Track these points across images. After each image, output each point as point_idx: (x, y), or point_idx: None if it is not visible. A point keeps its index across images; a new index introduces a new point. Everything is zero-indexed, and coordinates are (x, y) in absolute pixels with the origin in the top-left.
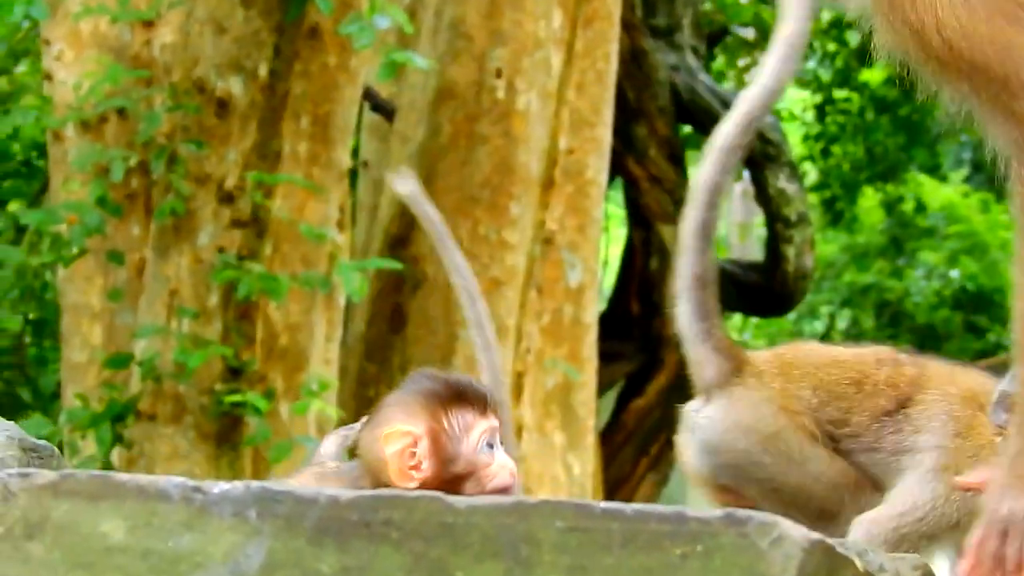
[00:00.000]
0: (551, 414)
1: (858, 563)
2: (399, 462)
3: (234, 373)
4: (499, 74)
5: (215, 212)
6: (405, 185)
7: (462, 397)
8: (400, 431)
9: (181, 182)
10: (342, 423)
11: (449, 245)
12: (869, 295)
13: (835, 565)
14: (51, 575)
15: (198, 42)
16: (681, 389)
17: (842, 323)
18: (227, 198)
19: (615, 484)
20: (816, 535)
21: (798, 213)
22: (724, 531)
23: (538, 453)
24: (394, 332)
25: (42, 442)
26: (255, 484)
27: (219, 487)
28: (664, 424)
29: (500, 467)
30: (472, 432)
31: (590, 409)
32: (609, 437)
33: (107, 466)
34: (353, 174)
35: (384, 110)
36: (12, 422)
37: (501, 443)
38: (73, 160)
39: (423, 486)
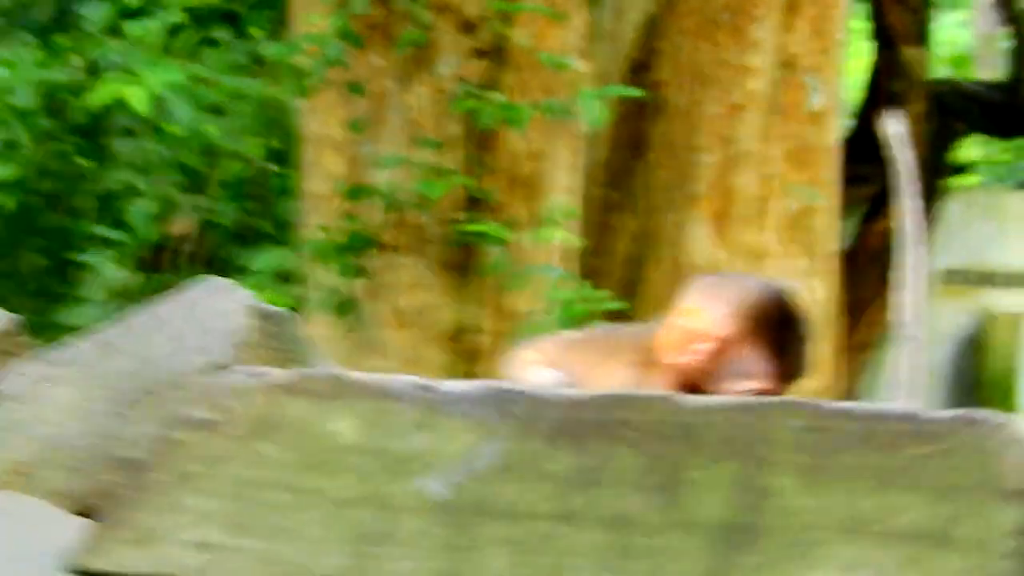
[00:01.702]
0: (794, 239)
1: None
2: (680, 337)
3: (475, 203)
4: None
5: (456, 41)
6: (894, 126)
7: (779, 346)
8: (706, 319)
9: (422, 11)
10: (583, 252)
11: (917, 199)
12: None
13: None
14: (283, 474)
15: None
16: (924, 215)
17: None
18: (467, 27)
19: (859, 305)
20: None
21: None
22: (960, 431)
23: (780, 276)
24: (636, 158)
25: (277, 309)
26: (492, 384)
27: (454, 386)
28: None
29: None
30: (748, 381)
31: (833, 233)
32: (853, 260)
33: (349, 298)
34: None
35: None
36: (248, 291)
37: None
38: None
39: (674, 371)
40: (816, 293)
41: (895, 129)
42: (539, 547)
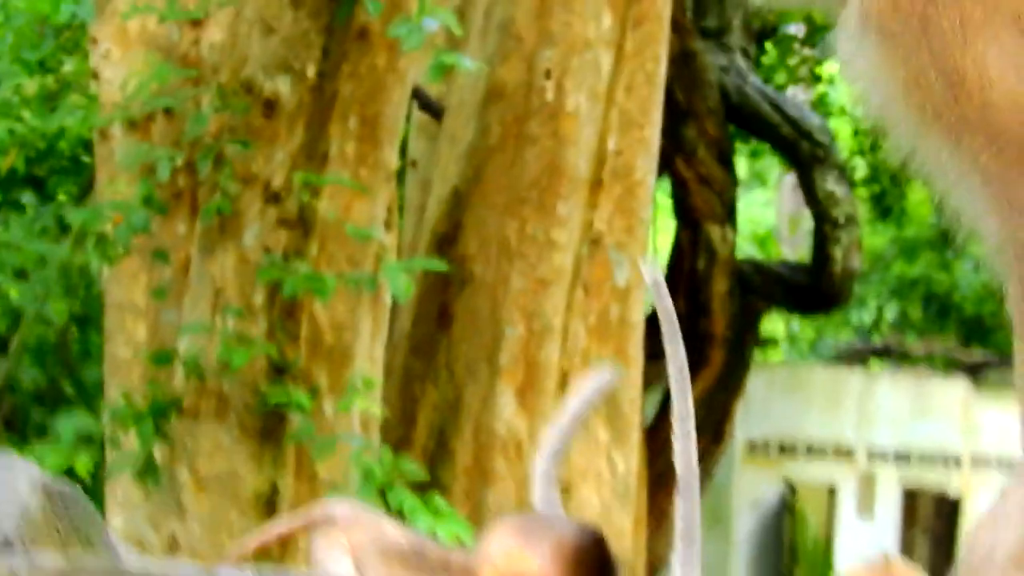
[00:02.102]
0: (597, 411)
1: None
2: None
3: (278, 371)
4: (548, 75)
5: (261, 212)
6: (651, 272)
7: None
8: (531, 565)
9: (228, 182)
10: (386, 422)
11: (679, 345)
12: (917, 287)
13: None
14: None
15: (246, 42)
16: (725, 388)
17: (890, 315)
18: (273, 198)
19: (657, 480)
20: None
21: (846, 215)
22: None
23: (583, 449)
24: (440, 330)
25: (66, 488)
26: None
27: (229, 573)
28: (708, 423)
29: None
30: None
31: (635, 407)
32: (655, 434)
33: (149, 462)
34: (401, 173)
35: (433, 110)
36: (33, 464)
37: None
38: (119, 159)
39: None
40: (618, 466)
41: (651, 276)
42: None
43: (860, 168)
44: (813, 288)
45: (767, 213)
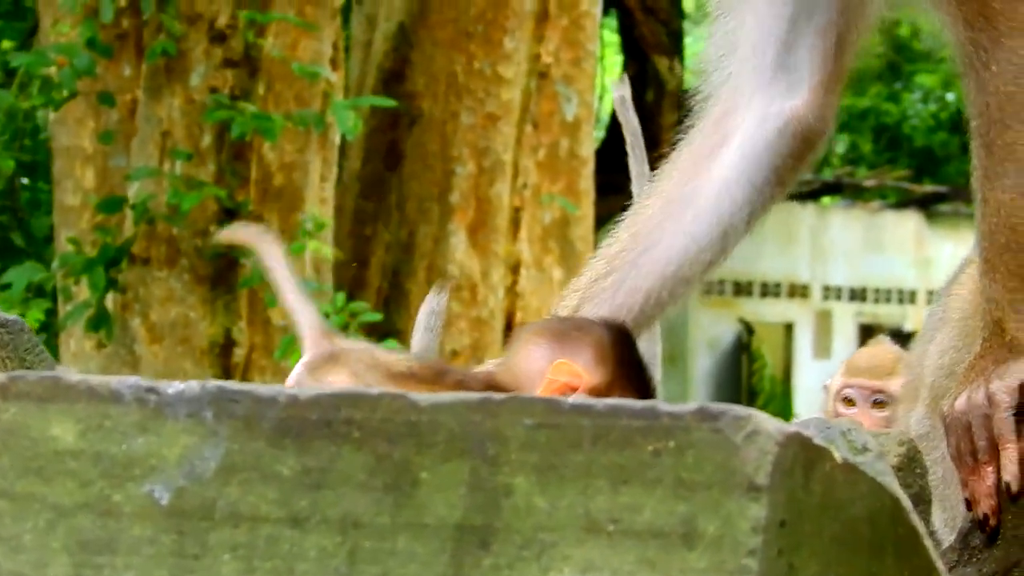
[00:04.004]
0: (549, 249)
1: (836, 455)
2: (553, 392)
3: (229, 214)
4: None
5: (207, 52)
6: (619, 90)
7: (641, 387)
8: (575, 370)
9: (172, 21)
10: (339, 264)
11: (640, 154)
12: (867, 119)
13: (812, 458)
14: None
15: None
16: None
17: (840, 148)
18: (219, 37)
19: None
20: (792, 427)
21: None
22: (697, 426)
23: (536, 289)
24: (390, 169)
25: (11, 317)
26: (212, 384)
27: (174, 387)
28: None
29: None
30: None
31: (588, 243)
32: None
33: (101, 312)
34: (346, 10)
35: None
36: None
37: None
38: (61, 1)
39: None
40: None
41: (619, 93)
42: (266, 552)
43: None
44: None
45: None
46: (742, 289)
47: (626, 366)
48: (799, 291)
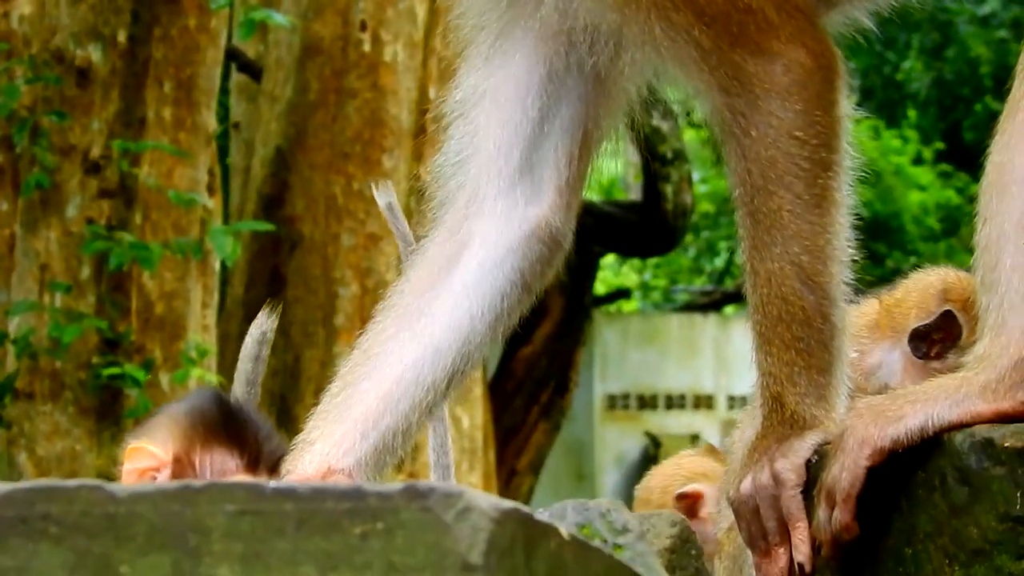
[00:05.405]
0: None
1: (563, 532)
2: (135, 480)
3: (111, 345)
4: (364, 27)
5: (82, 183)
6: (384, 197)
7: (231, 438)
8: (148, 451)
9: (45, 154)
10: (224, 388)
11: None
12: None
13: (534, 535)
14: None
15: (55, 12)
16: (567, 337)
17: (741, 258)
18: (93, 168)
19: (508, 434)
20: (508, 504)
21: (673, 150)
22: (405, 506)
23: None
24: (273, 294)
25: None
26: None
27: None
28: (552, 373)
29: None
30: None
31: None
32: (499, 387)
33: None
34: (224, 136)
35: (251, 70)
36: None
37: None
38: None
39: None
40: (463, 422)
41: (385, 200)
42: None
43: (698, 110)
44: (646, 226)
45: (614, 164)
46: (647, 402)
47: (208, 428)
48: (704, 402)
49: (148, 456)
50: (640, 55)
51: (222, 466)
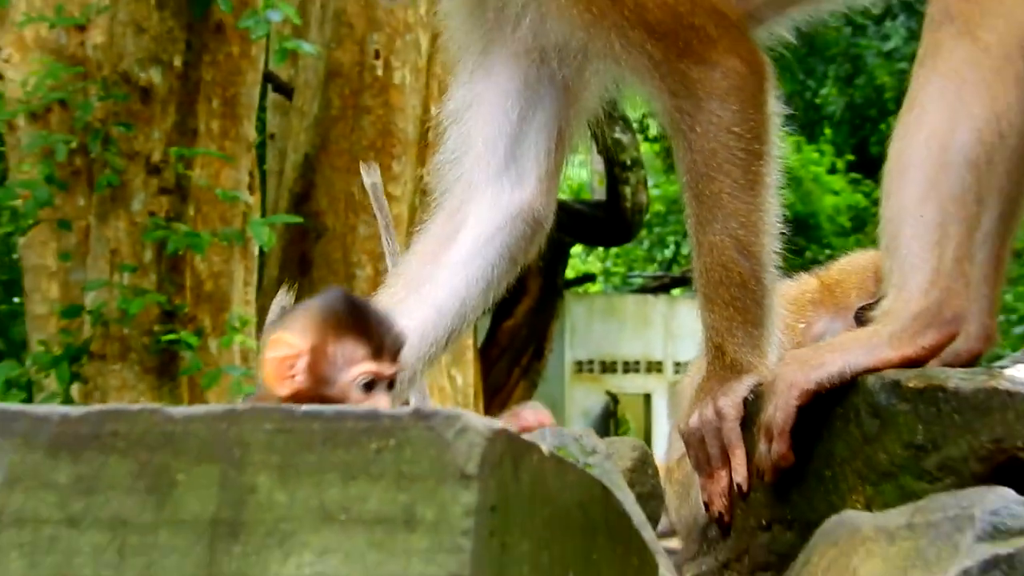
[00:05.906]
0: None
1: (544, 449)
2: (276, 368)
3: (169, 316)
4: (377, 55)
5: (145, 182)
6: (370, 176)
7: (359, 330)
8: (286, 340)
9: (115, 159)
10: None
11: (391, 232)
12: None
13: (520, 451)
14: None
15: (122, 41)
16: (543, 312)
17: (686, 250)
18: (154, 170)
19: (494, 391)
20: (499, 424)
21: (631, 158)
22: (413, 425)
23: (433, 381)
24: (302, 275)
25: None
26: None
27: None
28: (530, 341)
29: None
30: (353, 368)
31: (471, 330)
32: (487, 352)
33: (67, 400)
34: (261, 145)
35: (284, 90)
36: None
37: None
38: (24, 145)
39: (298, 396)
40: (457, 380)
41: (370, 180)
42: (48, 549)
43: (652, 127)
44: (609, 221)
45: (582, 172)
46: (608, 367)
47: (338, 320)
48: (655, 367)
49: (287, 345)
50: (603, 66)
51: (352, 354)
